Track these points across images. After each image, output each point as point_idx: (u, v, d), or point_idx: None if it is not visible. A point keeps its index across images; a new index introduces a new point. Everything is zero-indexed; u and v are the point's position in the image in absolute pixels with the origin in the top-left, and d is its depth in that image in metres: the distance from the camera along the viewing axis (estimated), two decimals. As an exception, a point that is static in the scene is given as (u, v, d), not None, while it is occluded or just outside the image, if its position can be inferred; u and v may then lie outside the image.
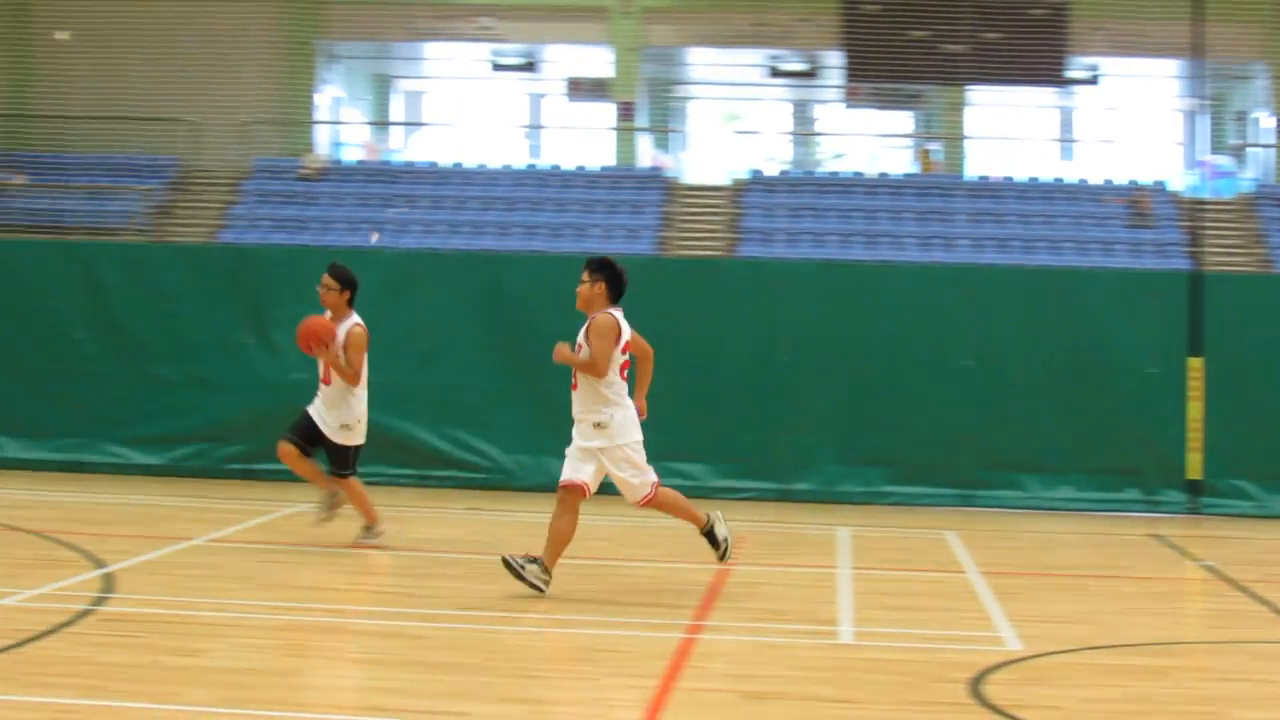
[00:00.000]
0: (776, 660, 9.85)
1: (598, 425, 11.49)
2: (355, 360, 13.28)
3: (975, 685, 9.15)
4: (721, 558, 12.18)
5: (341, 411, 13.36)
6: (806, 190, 36.12)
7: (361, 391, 13.46)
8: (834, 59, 38.77)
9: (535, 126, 52.16)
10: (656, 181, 37.21)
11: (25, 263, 20.00)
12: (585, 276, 11.57)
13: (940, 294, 18.92)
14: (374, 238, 21.10)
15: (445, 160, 41.73)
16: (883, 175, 37.08)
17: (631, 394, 11.86)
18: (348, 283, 13.45)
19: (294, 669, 9.01)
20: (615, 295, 11.59)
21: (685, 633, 10.53)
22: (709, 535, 12.13)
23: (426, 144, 50.58)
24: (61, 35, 45.01)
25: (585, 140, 45.78)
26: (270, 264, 19.59)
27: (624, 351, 11.59)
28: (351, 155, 46.42)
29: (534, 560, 11.50)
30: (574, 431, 11.66)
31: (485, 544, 14.23)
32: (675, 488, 17.83)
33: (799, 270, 20.41)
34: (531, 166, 40.73)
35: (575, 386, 11.60)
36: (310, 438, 13.40)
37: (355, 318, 13.44)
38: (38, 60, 45.93)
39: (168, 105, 44.19)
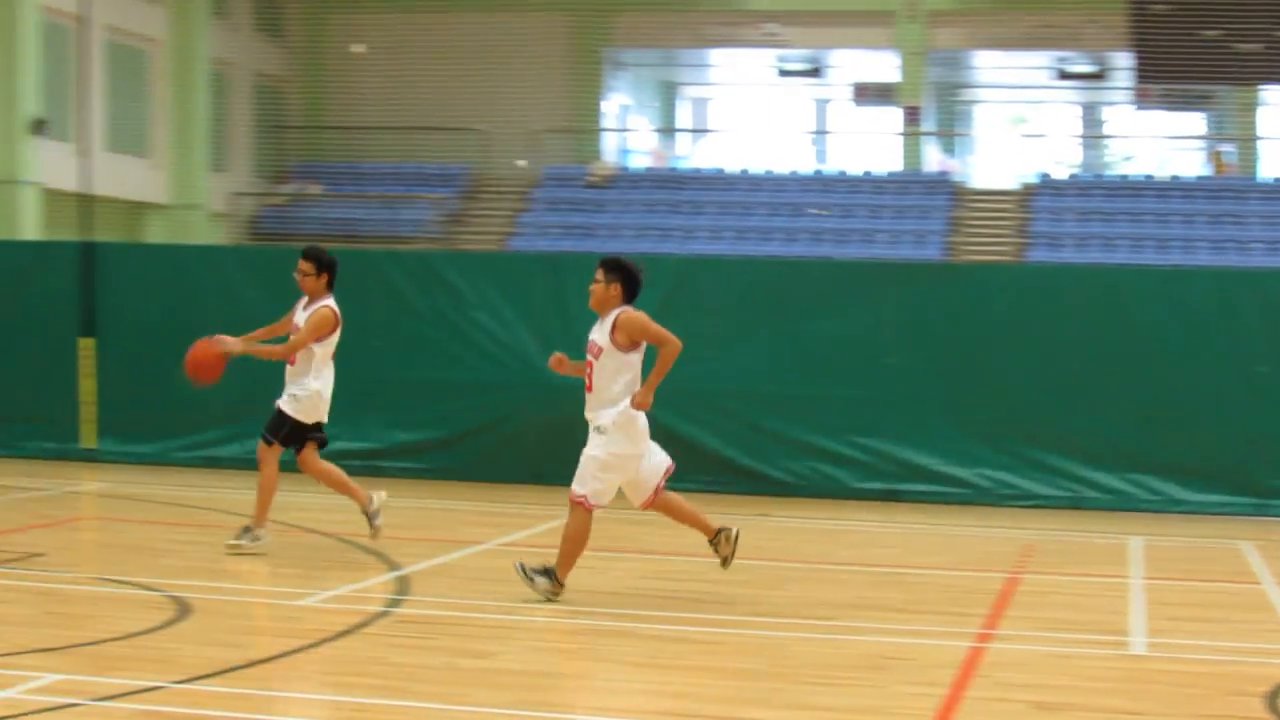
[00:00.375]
0: (1067, 670, 9.68)
1: (598, 429, 11.35)
2: (304, 338, 12.93)
3: (1272, 700, 8.89)
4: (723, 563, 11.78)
5: (294, 384, 13.11)
6: (1096, 194, 35.46)
7: (322, 370, 13.10)
8: (1123, 60, 38.02)
9: (821, 132, 51.99)
10: (944, 186, 36.81)
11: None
12: (599, 276, 11.45)
13: (1234, 298, 18.40)
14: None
15: (731, 166, 41.76)
16: (1174, 178, 36.21)
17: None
18: (324, 265, 13.19)
19: (583, 672, 9.11)
20: (630, 295, 11.48)
21: (975, 641, 10.41)
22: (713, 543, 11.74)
23: (713, 150, 50.74)
24: (357, 49, 46.14)
25: (871, 145, 45.52)
26: (560, 271, 19.82)
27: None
28: (639, 162, 46.71)
29: (545, 572, 11.30)
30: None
31: (773, 551, 14.27)
32: (964, 488, 17.81)
33: (1088, 275, 20.05)
34: (818, 172, 40.60)
35: (590, 389, 11.42)
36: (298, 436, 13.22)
37: (328, 300, 13.12)
38: (333, 74, 47.15)
39: (459, 115, 45.01)
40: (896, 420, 18.50)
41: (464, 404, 19.39)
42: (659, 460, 11.44)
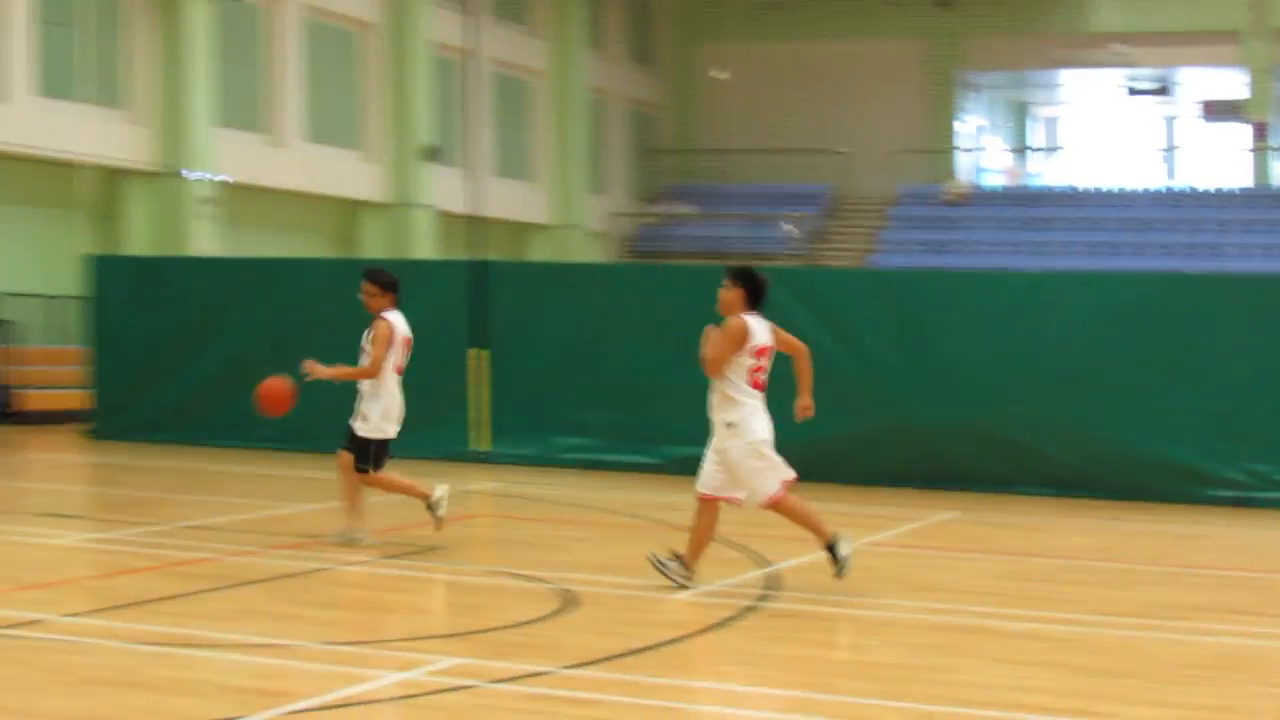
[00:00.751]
0: None
1: (729, 425, 11.05)
2: (379, 353, 13.14)
3: None
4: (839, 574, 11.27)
5: (364, 402, 13.24)
6: None
7: (388, 387, 13.27)
8: None
9: (1170, 148, 50.57)
10: (1294, 200, 35.45)
11: (692, 286, 20.74)
12: (726, 283, 11.25)
13: None
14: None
15: (1083, 183, 40.94)
16: None
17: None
18: (389, 286, 13.46)
19: (945, 666, 9.02)
20: (753, 302, 11.21)
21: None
22: (829, 549, 11.26)
23: (1064, 168, 49.82)
24: (721, 75, 46.48)
25: (1220, 161, 44.15)
26: (918, 286, 19.69)
27: (756, 356, 11.08)
28: (993, 180, 46.14)
29: (677, 558, 11.23)
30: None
31: (1125, 554, 13.95)
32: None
33: None
34: (1167, 188, 39.51)
35: (763, 388, 11.25)
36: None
37: (385, 313, 13.31)
38: (702, 100, 47.55)
39: (820, 137, 45.00)
40: (1248, 429, 17.91)
41: (824, 410, 19.36)
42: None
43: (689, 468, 19.32)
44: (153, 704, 7.69)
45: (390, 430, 13.22)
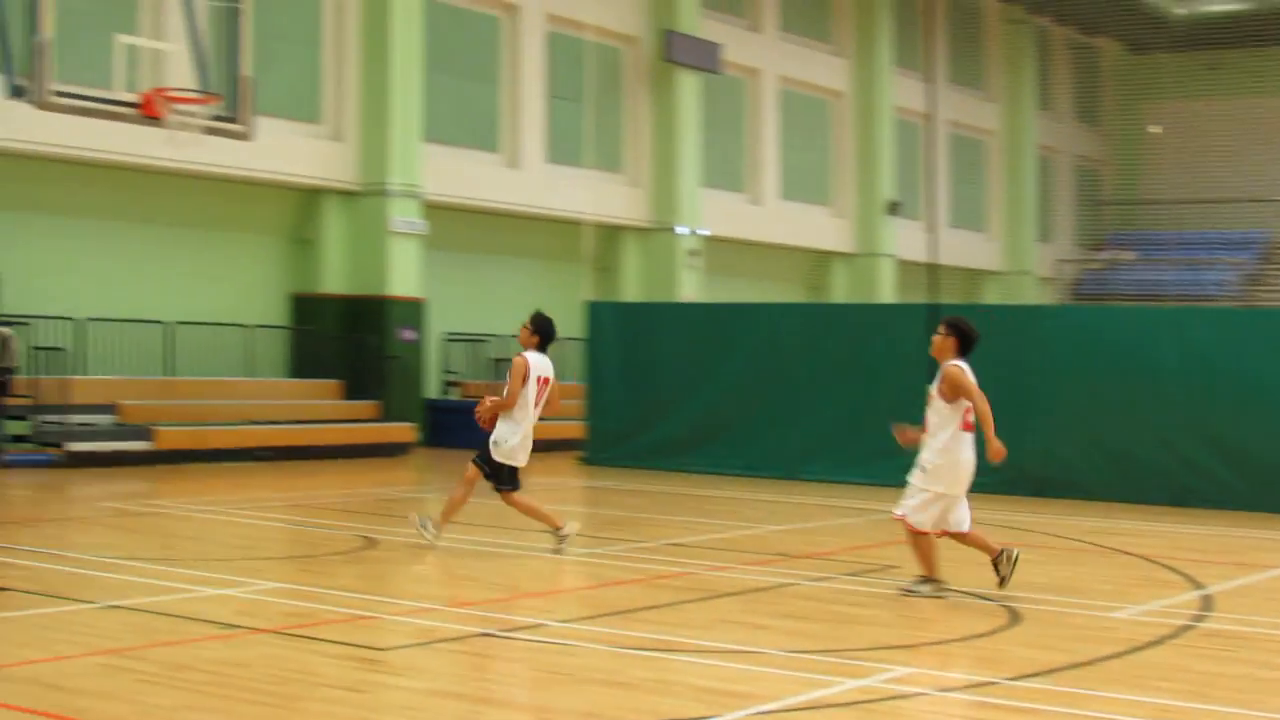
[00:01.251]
0: None
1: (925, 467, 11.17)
2: (512, 386, 13.30)
3: None
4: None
5: (498, 429, 13.30)
6: None
7: (518, 415, 13.34)
8: None
9: None
10: None
11: (1127, 327, 20.13)
12: (941, 330, 11.32)
13: None
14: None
15: None
16: None
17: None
18: (538, 329, 13.79)
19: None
20: (964, 350, 11.24)
21: None
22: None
23: None
24: (1158, 130, 44.99)
25: None
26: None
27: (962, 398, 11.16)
28: None
29: (925, 580, 11.26)
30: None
31: None
32: None
33: None
34: None
35: (926, 431, 11.23)
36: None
37: (526, 353, 13.42)
38: (1141, 153, 46.14)
39: (1254, 186, 43.13)
40: None
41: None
42: (963, 516, 11.30)
43: (1148, 495, 18.88)
44: (634, 701, 7.87)
45: (521, 459, 13.44)
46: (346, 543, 13.46)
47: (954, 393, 11.14)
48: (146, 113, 15.70)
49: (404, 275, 26.34)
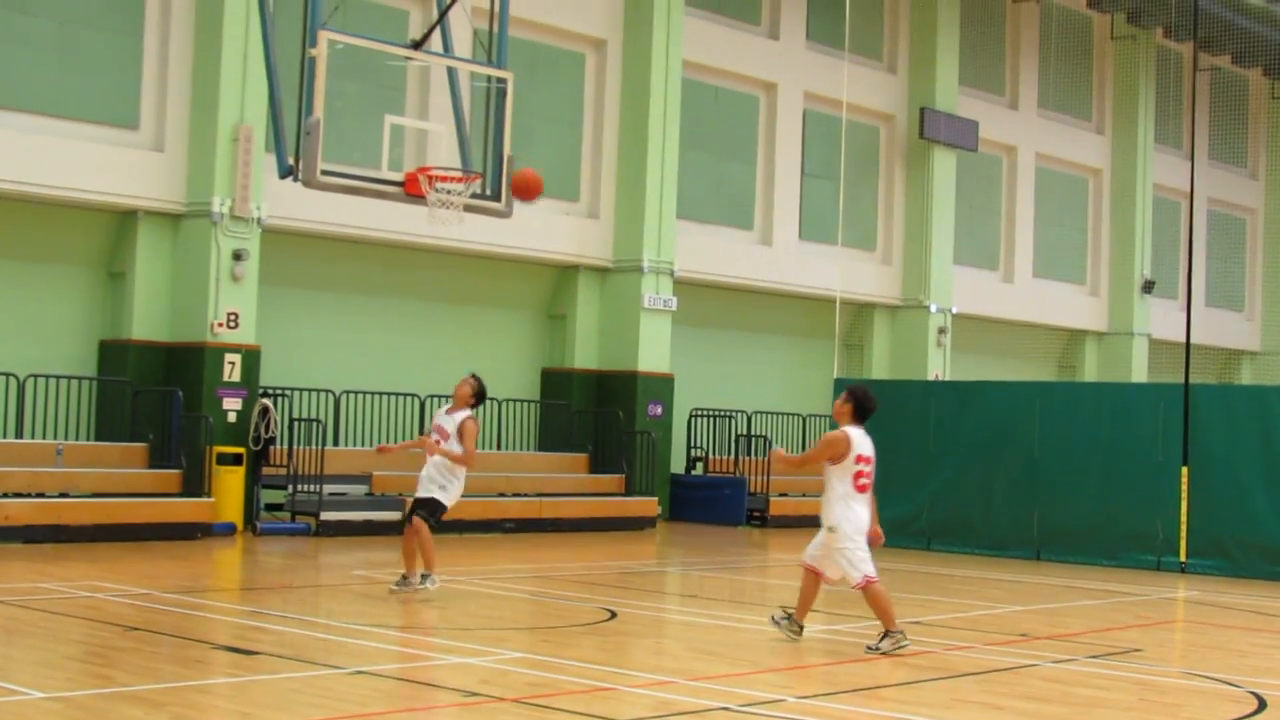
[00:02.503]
0: None
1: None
2: (469, 447, 14.49)
3: None
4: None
5: (455, 482, 14.70)
6: None
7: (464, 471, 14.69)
8: None
9: None
10: None
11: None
12: (842, 396, 12.55)
13: None
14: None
15: None
16: None
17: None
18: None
19: None
20: (860, 417, 12.43)
21: None
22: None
23: None
24: None
25: None
26: None
27: (857, 462, 12.31)
28: None
29: (886, 635, 11.89)
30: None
31: None
32: None
33: None
34: None
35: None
36: None
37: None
38: None
39: None
40: None
41: None
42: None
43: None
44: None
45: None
46: (589, 614, 13.61)
47: (827, 450, 12.26)
48: (410, 191, 16.18)
49: (654, 351, 26.63)
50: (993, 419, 22.19)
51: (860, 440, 12.41)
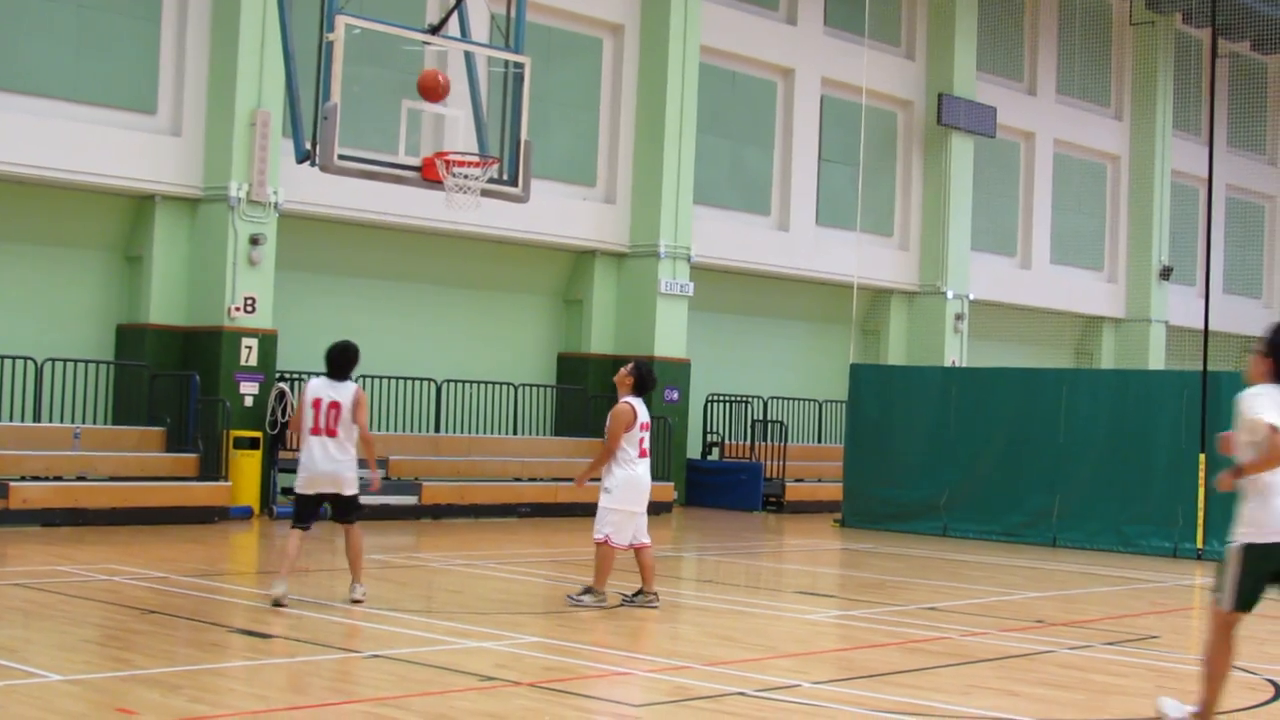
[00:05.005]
0: None
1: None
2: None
3: None
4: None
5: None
6: None
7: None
8: None
9: None
10: None
11: None
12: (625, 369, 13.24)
13: None
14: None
15: None
16: None
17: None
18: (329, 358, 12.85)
19: None
20: (639, 389, 12.91)
21: None
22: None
23: None
24: None
25: None
26: None
27: (642, 429, 12.89)
28: None
29: (587, 591, 12.90)
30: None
31: None
32: None
33: None
34: None
35: None
36: None
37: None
38: None
39: None
40: None
41: None
42: (643, 530, 13.07)
43: None
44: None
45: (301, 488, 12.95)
46: (608, 598, 13.63)
47: (621, 424, 12.82)
48: (427, 176, 16.15)
49: (670, 336, 26.62)
50: (1011, 405, 22.17)
51: (642, 409, 13.09)
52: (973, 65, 32.14)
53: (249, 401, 21.69)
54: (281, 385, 21.73)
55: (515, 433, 25.44)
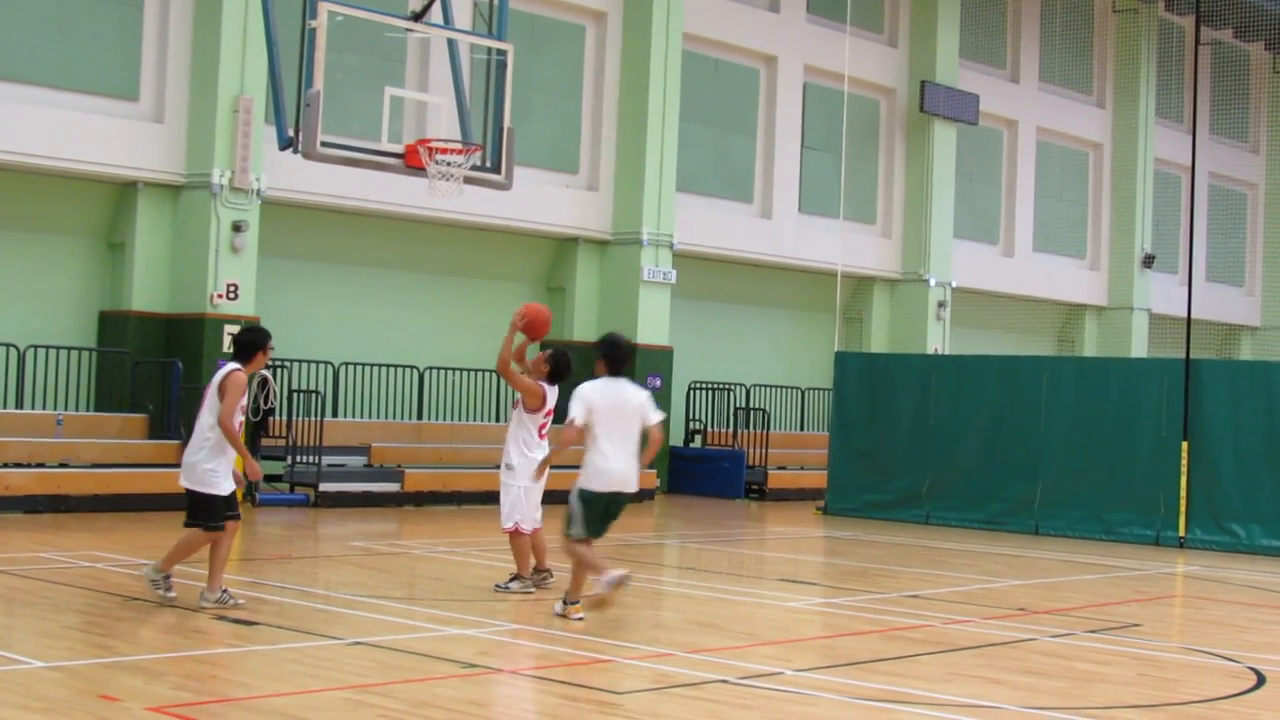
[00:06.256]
0: None
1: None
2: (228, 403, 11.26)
3: None
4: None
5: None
6: None
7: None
8: None
9: None
10: None
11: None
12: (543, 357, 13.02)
13: None
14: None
15: None
16: None
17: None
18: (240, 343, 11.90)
19: None
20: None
21: None
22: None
23: None
24: None
25: None
26: None
27: (548, 415, 12.98)
28: None
29: (515, 578, 12.96)
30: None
31: None
32: None
33: None
34: None
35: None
36: None
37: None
38: None
39: None
40: None
41: None
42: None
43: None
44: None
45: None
46: (587, 586, 13.61)
47: (529, 400, 12.91)
48: (410, 163, 16.13)
49: (653, 323, 26.61)
50: (993, 393, 22.22)
51: (553, 394, 13.12)
52: (955, 53, 32.15)
53: (231, 388, 21.60)
54: (264, 372, 21.68)
55: (498, 420, 25.40)
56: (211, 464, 11.33)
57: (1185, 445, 20.12)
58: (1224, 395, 20.16)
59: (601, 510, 11.72)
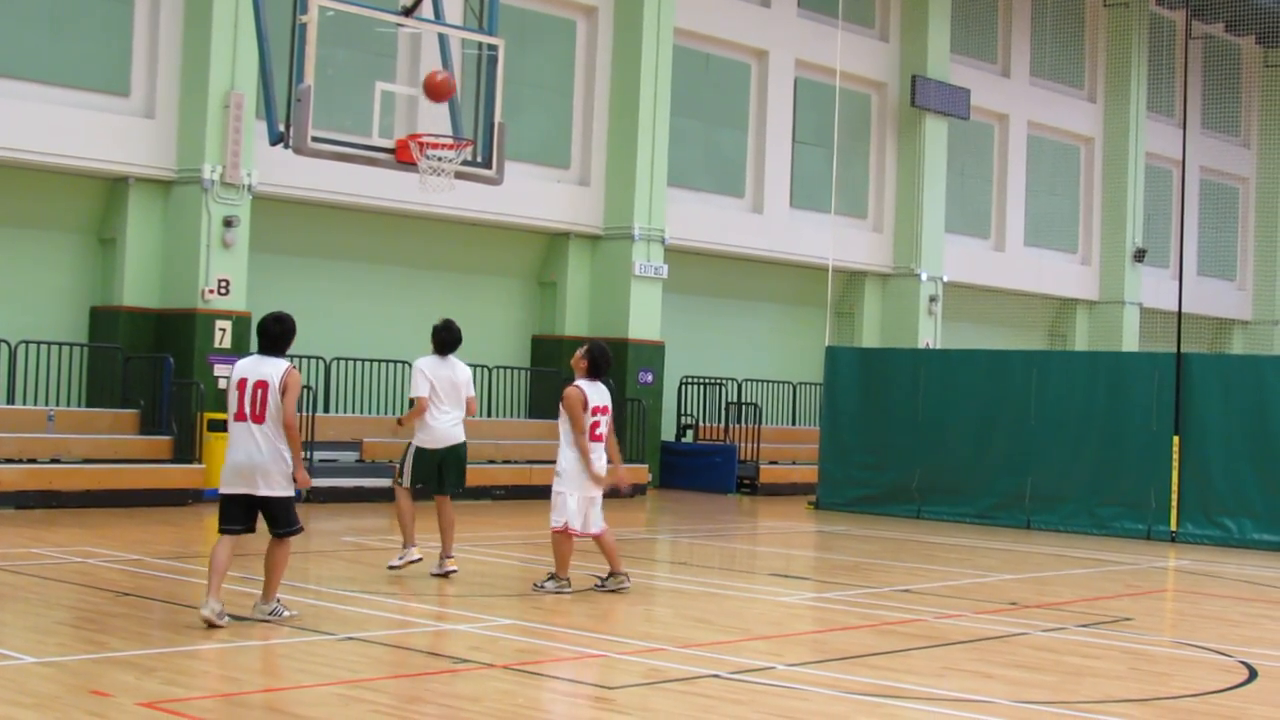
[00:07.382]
0: None
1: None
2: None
3: None
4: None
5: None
6: None
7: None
8: None
9: None
10: None
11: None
12: (579, 352, 13.05)
13: None
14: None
15: None
16: None
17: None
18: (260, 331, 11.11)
19: None
20: (592, 373, 12.77)
21: None
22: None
23: None
24: None
25: None
26: None
27: (595, 413, 12.78)
28: None
29: (551, 577, 12.82)
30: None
31: None
32: None
33: None
34: None
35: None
36: None
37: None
38: None
39: None
40: None
41: None
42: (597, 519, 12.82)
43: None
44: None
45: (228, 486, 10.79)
46: (579, 581, 13.62)
47: (574, 407, 12.73)
48: (401, 158, 16.08)
49: (645, 318, 26.60)
50: (985, 387, 22.21)
51: (594, 392, 12.95)
52: (946, 47, 32.16)
53: (223, 384, 21.58)
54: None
55: (489, 415, 25.40)
56: (287, 465, 10.62)
57: (1176, 439, 20.14)
58: (1215, 389, 20.17)
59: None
